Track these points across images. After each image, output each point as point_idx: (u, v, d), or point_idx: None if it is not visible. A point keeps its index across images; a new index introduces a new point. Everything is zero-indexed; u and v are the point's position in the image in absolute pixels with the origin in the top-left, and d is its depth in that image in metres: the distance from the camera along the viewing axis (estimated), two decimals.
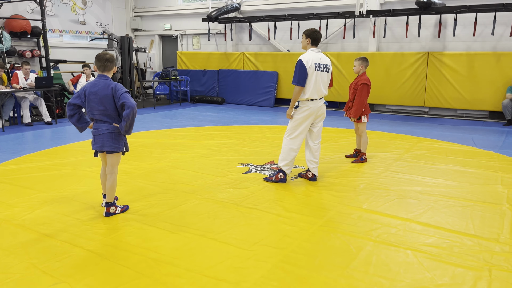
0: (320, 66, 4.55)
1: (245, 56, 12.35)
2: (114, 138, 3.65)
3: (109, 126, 3.63)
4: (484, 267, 2.93)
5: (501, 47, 9.39)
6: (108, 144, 3.64)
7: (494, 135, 7.69)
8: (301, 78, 4.50)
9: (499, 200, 4.24)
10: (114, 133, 3.64)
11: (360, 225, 3.64)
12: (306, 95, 4.53)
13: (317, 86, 4.54)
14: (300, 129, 4.63)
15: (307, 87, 4.51)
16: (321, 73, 4.56)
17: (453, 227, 3.58)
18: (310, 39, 4.62)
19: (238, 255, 3.08)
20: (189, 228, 3.56)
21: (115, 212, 3.85)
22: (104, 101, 3.56)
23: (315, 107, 4.60)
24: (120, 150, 3.71)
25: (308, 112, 4.57)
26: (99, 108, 3.59)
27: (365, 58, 5.55)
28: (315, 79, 4.51)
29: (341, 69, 10.81)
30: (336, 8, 10.98)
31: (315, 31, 4.63)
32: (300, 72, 4.51)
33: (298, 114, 4.60)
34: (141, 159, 5.88)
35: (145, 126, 8.63)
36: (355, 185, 4.75)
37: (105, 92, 3.55)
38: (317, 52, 4.60)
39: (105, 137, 3.63)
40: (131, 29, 14.88)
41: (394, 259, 3.06)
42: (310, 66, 4.47)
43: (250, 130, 8.13)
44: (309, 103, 4.56)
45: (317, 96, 4.57)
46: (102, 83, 3.58)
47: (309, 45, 4.63)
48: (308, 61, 4.48)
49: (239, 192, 4.49)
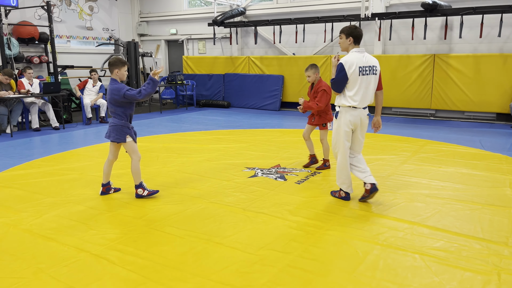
0: (365, 69, 3.97)
1: (250, 60, 12.37)
2: (117, 131, 4.28)
3: (115, 121, 4.28)
4: (493, 271, 2.90)
5: (508, 49, 9.33)
6: (113, 135, 4.30)
7: (502, 137, 7.63)
8: (338, 84, 3.99)
9: (507, 203, 4.20)
10: (118, 126, 4.28)
11: (367, 229, 3.62)
12: (348, 102, 3.99)
13: (363, 93, 3.98)
14: (344, 141, 4.10)
15: (350, 93, 3.98)
16: (367, 77, 3.98)
17: (461, 231, 3.55)
18: (352, 37, 4.00)
19: (245, 259, 3.08)
20: (196, 232, 3.56)
21: (142, 194, 4.35)
22: (110, 101, 4.28)
23: (358, 117, 4.04)
24: (122, 141, 4.30)
25: (350, 122, 4.04)
26: (109, 105, 4.32)
27: (315, 65, 5.32)
28: (360, 85, 3.95)
29: None
30: (341, 11, 10.98)
31: (356, 28, 4.02)
32: (339, 77, 3.97)
33: (339, 125, 4.10)
34: (148, 163, 5.91)
35: (151, 131, 8.67)
36: (361, 188, 4.72)
37: (110, 94, 4.25)
38: (360, 53, 4.00)
39: (111, 129, 4.31)
40: (137, 34, 14.98)
41: (402, 263, 3.04)
42: (353, 71, 3.90)
43: (256, 134, 8.13)
44: (351, 111, 4.03)
45: (361, 104, 4.00)
46: (110, 86, 4.28)
47: (351, 45, 4.02)
48: (351, 65, 3.90)
49: (246, 196, 4.48)
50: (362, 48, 4.04)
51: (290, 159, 6.07)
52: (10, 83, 8.64)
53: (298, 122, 9.62)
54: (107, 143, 7.36)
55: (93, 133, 8.59)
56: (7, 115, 8.36)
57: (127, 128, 4.33)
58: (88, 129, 9.02)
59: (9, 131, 8.33)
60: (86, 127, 9.26)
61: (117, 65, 4.28)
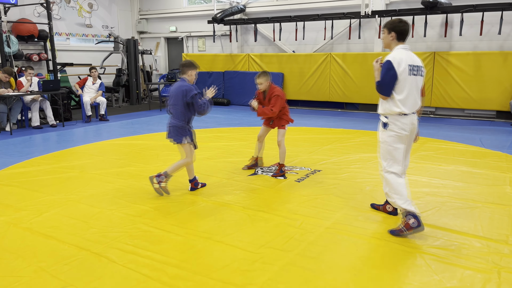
0: (414, 69, 3.43)
1: (250, 57, 12.36)
2: (176, 132, 4.31)
3: (174, 121, 4.30)
4: (493, 269, 2.90)
5: (508, 46, 9.31)
6: (173, 135, 4.34)
7: (502, 135, 7.63)
8: (387, 85, 3.38)
9: (507, 201, 4.20)
10: (176, 127, 4.30)
11: (367, 227, 3.62)
12: (398, 108, 3.40)
13: (413, 96, 3.43)
14: (396, 155, 3.47)
15: (399, 97, 3.38)
16: (415, 77, 3.44)
17: (461, 229, 3.55)
18: (395, 33, 3.47)
19: (245, 257, 3.08)
20: (196, 230, 3.56)
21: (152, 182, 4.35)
22: (175, 99, 4.25)
23: (409, 124, 3.44)
24: (180, 142, 4.32)
25: (402, 132, 3.43)
26: (171, 104, 4.31)
27: (266, 72, 5.06)
28: (410, 86, 3.40)
29: (347, 70, 10.77)
30: (341, 8, 10.95)
31: (401, 22, 3.48)
32: (387, 77, 3.37)
33: (388, 136, 3.47)
34: (148, 161, 5.90)
35: (151, 128, 8.66)
36: (361, 187, 4.73)
37: (177, 92, 4.25)
38: (407, 50, 3.48)
39: (171, 130, 4.34)
40: (136, 32, 14.95)
41: (402, 261, 3.04)
42: (403, 70, 3.35)
43: (256, 132, 8.08)
44: (401, 118, 3.42)
45: (411, 108, 3.44)
46: (177, 84, 4.30)
47: (395, 42, 3.50)
48: (400, 62, 3.35)
49: (246, 194, 4.49)
50: (407, 46, 3.50)
51: (290, 157, 6.06)
52: (9, 81, 8.62)
53: (298, 120, 9.61)
54: (108, 141, 7.38)
55: (93, 131, 8.59)
56: (6, 113, 8.35)
57: (185, 130, 4.33)
58: (88, 127, 9.01)
59: (8, 129, 8.32)
60: (86, 125, 9.25)
61: (192, 67, 4.32)
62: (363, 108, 10.96)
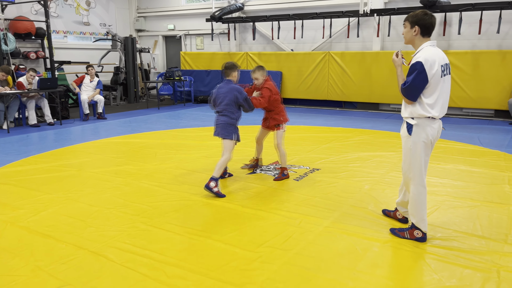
0: (445, 68, 3.10)
1: (248, 56, 12.33)
2: (225, 128, 4.48)
3: (224, 119, 4.47)
4: (492, 268, 2.90)
5: (506, 45, 9.32)
6: (222, 132, 4.50)
7: (500, 134, 7.63)
8: (415, 89, 3.05)
9: (506, 200, 4.20)
10: (226, 124, 4.48)
11: (366, 226, 3.61)
12: (427, 112, 3.08)
13: (444, 99, 3.13)
14: (420, 163, 3.19)
15: (429, 101, 3.07)
16: (446, 78, 3.13)
17: (460, 228, 3.55)
18: (419, 27, 3.06)
19: (244, 257, 3.07)
20: (194, 229, 3.55)
21: (211, 188, 4.32)
22: (228, 99, 4.45)
23: (436, 130, 3.16)
24: (230, 138, 4.48)
25: (429, 138, 3.15)
26: (223, 104, 4.49)
27: (261, 67, 4.91)
28: (442, 89, 3.08)
29: (345, 68, 10.76)
30: (340, 7, 10.93)
31: (426, 14, 3.06)
32: (416, 81, 3.01)
33: (415, 142, 3.17)
34: (146, 160, 5.88)
35: (149, 127, 8.64)
36: (360, 185, 4.72)
37: (228, 93, 4.45)
38: (435, 47, 3.11)
39: (220, 127, 4.48)
40: (134, 30, 14.90)
41: (401, 260, 3.04)
42: (435, 73, 3.00)
43: (254, 130, 8.08)
44: (429, 122, 3.12)
45: (442, 112, 3.14)
46: (226, 86, 4.51)
47: (419, 38, 3.11)
48: (432, 64, 2.98)
49: (244, 193, 4.47)
50: (434, 42, 3.13)
51: (289, 155, 6.05)
52: (7, 79, 8.58)
53: (296, 119, 9.60)
54: (105, 139, 7.35)
55: (91, 129, 8.55)
56: (3, 111, 8.31)
57: (234, 127, 4.53)
58: (86, 125, 8.98)
59: (6, 127, 8.28)
60: (84, 123, 9.21)
61: (234, 68, 4.57)
62: (362, 106, 10.96)
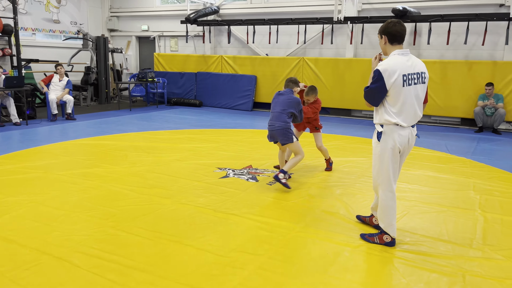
0: (412, 78, 3.06)
1: (223, 59, 12.30)
2: (284, 134, 4.66)
3: (281, 124, 4.64)
4: (458, 272, 2.97)
5: (473, 56, 9.67)
6: (281, 138, 4.70)
7: (466, 142, 7.89)
8: (372, 95, 3.12)
9: (471, 206, 4.33)
10: (284, 130, 4.65)
11: (338, 230, 3.64)
12: (396, 119, 3.10)
13: (410, 109, 3.10)
14: (388, 169, 3.23)
15: (395, 108, 3.09)
16: (414, 87, 3.08)
17: (428, 233, 3.63)
18: (385, 36, 3.11)
19: (215, 262, 3.03)
20: (165, 234, 3.48)
21: (280, 178, 4.50)
22: (288, 106, 4.67)
23: (405, 138, 3.17)
24: (290, 142, 4.67)
25: (397, 145, 3.17)
26: (277, 110, 4.68)
27: (314, 88, 5.21)
28: (405, 98, 3.06)
29: (319, 74, 10.89)
30: (315, 13, 11.07)
31: (391, 22, 3.11)
32: (373, 88, 3.08)
33: (383, 149, 3.21)
34: (116, 162, 5.75)
35: (120, 129, 8.46)
36: (332, 190, 4.77)
37: (288, 101, 4.69)
38: (405, 55, 3.10)
39: (278, 133, 4.67)
40: (107, 29, 14.61)
41: (371, 265, 3.08)
42: (395, 82, 3.01)
43: (228, 134, 8.08)
44: (398, 129, 3.14)
45: (409, 121, 3.15)
46: (287, 95, 4.74)
47: (389, 46, 3.14)
48: (392, 73, 3.00)
49: (217, 197, 4.43)
50: (407, 50, 3.12)
51: (262, 160, 6.05)
52: None
53: None
54: (74, 140, 7.14)
55: (59, 130, 8.30)
56: None
57: (291, 131, 4.74)
58: (54, 125, 8.71)
59: None
60: (51, 123, 8.93)
61: (298, 83, 4.90)
62: (334, 112, 11.11)
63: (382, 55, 3.28)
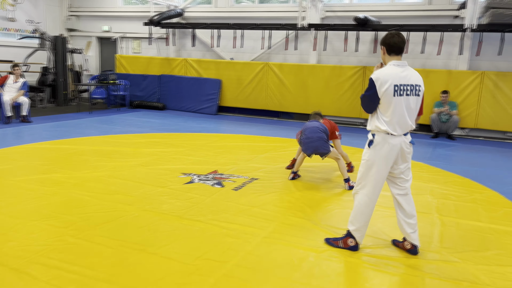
0: (404, 89, 3.17)
1: (187, 62, 12.19)
2: (324, 144, 5.23)
3: (322, 135, 5.23)
4: (418, 275, 3.08)
5: (429, 65, 10.10)
6: (323, 148, 5.21)
7: (424, 147, 8.21)
8: (366, 102, 3.27)
9: (429, 210, 4.51)
10: (325, 141, 5.25)
11: (303, 236, 3.69)
12: (386, 127, 3.19)
13: (400, 119, 3.19)
14: (375, 177, 3.30)
15: (386, 117, 3.20)
16: (407, 98, 3.18)
17: (389, 237, 3.74)
18: (384, 47, 3.28)
19: (180, 270, 2.99)
20: (128, 242, 3.39)
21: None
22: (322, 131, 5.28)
23: (397, 146, 3.23)
24: (329, 150, 5.25)
25: (387, 152, 3.23)
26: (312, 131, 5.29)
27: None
28: (395, 108, 3.16)
29: (283, 79, 11.01)
30: (279, 19, 11.19)
31: (389, 34, 3.27)
32: (367, 96, 3.24)
33: (371, 155, 3.28)
34: (76, 167, 5.55)
35: (80, 132, 8.18)
36: (297, 195, 4.82)
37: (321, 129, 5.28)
38: (400, 67, 3.23)
39: (319, 145, 5.19)
40: (65, 29, 14.12)
41: (335, 270, 3.13)
42: (386, 90, 3.13)
43: (193, 138, 8.00)
44: (388, 138, 3.22)
45: (400, 130, 3.22)
46: (318, 124, 5.38)
47: (387, 57, 3.29)
48: (384, 82, 3.13)
49: (181, 203, 4.37)
50: (404, 62, 3.26)
51: (228, 164, 6.04)
52: None
53: (235, 127, 9.63)
54: (30, 144, 6.83)
55: (13, 133, 7.92)
56: None
57: (327, 141, 5.31)
58: (7, 128, 8.30)
59: None
60: (5, 126, 8.51)
61: (322, 116, 5.70)
62: (298, 117, 11.26)
63: (383, 64, 3.39)
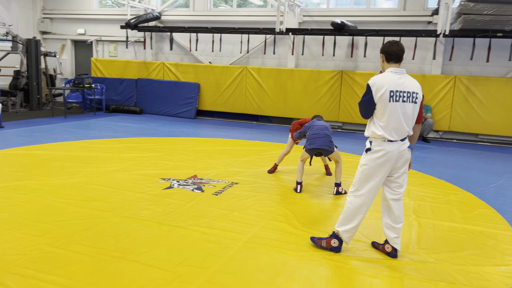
0: (401, 95, 3.21)
1: (165, 66, 12.09)
2: (331, 143, 5.26)
3: (328, 132, 5.35)
4: (397, 277, 3.14)
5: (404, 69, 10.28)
6: (329, 146, 5.20)
7: None
8: (363, 107, 3.33)
9: (406, 212, 4.59)
10: (331, 140, 5.29)
11: (284, 240, 3.70)
12: (383, 132, 3.24)
13: (396, 125, 3.23)
14: (370, 182, 3.36)
15: (382, 122, 3.25)
16: (403, 104, 3.22)
17: (369, 239, 3.80)
18: (383, 54, 3.38)
19: (161, 277, 2.95)
20: (107, 250, 3.33)
21: (341, 192, 5.12)
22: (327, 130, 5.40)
23: (394, 152, 3.27)
24: (333, 150, 5.24)
25: (384, 158, 3.27)
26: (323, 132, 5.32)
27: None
28: (391, 112, 3.21)
29: (262, 83, 11.05)
30: (258, 24, 11.24)
31: (388, 42, 3.39)
32: (364, 101, 3.30)
33: (368, 160, 3.35)
34: (51, 174, 5.42)
35: (54, 137, 7.99)
36: (277, 199, 4.84)
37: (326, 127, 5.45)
38: (398, 74, 3.29)
39: (326, 143, 5.19)
40: (39, 32, 13.80)
41: (317, 273, 3.15)
42: (381, 96, 3.19)
43: (171, 143, 7.93)
44: (385, 144, 3.26)
45: (396, 136, 3.25)
46: (323, 122, 5.56)
47: (385, 64, 3.38)
48: (380, 88, 3.20)
49: (161, 209, 4.32)
50: (402, 69, 3.32)
51: (207, 169, 6.00)
52: None
53: (214, 131, 9.59)
54: (2, 150, 6.62)
55: None
56: None
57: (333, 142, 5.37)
58: None
59: None
60: None
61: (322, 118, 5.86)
62: (277, 121, 11.32)
63: (382, 72, 3.45)
